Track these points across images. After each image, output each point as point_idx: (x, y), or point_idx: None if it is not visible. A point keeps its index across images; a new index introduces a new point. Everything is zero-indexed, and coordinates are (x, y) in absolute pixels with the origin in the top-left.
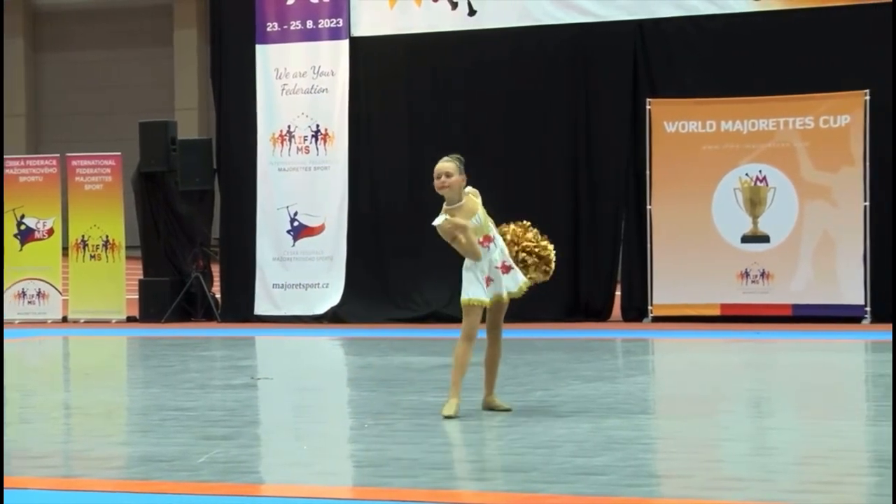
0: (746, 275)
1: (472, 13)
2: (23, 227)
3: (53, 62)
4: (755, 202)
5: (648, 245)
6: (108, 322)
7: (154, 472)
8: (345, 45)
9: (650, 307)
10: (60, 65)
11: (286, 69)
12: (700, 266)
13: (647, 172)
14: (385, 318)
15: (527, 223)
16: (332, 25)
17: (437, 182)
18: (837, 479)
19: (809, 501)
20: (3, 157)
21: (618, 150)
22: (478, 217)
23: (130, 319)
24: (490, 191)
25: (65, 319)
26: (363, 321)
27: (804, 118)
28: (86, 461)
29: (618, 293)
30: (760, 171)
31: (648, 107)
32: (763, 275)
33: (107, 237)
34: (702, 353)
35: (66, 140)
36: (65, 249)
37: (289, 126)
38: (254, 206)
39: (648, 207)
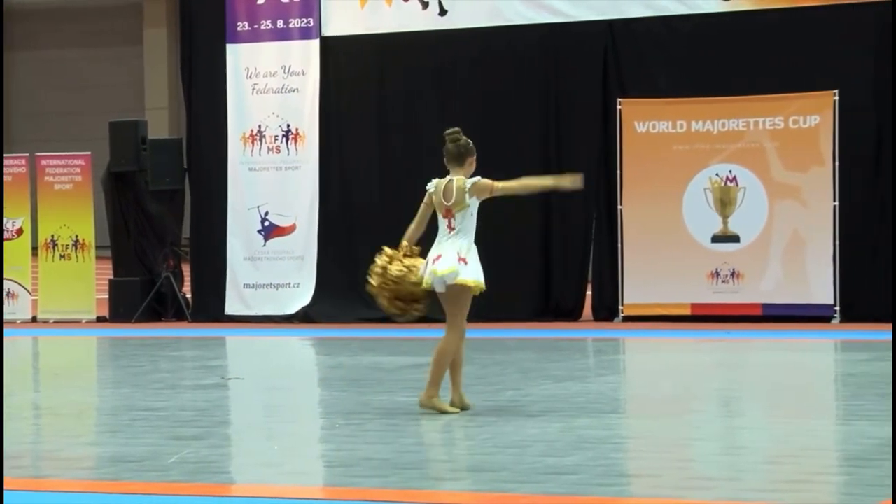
0: (717, 274)
1: (443, 13)
2: None
3: (23, 61)
4: (725, 202)
5: (619, 245)
6: (78, 322)
7: (124, 473)
8: (315, 45)
9: (621, 307)
10: (30, 64)
11: (257, 69)
12: (671, 266)
13: (618, 172)
14: (356, 318)
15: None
16: (303, 25)
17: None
18: (807, 478)
19: (779, 500)
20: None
21: (588, 150)
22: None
23: (100, 319)
24: None
25: (34, 319)
26: (334, 321)
27: (774, 118)
28: (56, 461)
29: (589, 293)
30: (730, 171)
31: (619, 107)
32: (733, 274)
33: (77, 237)
34: (672, 353)
35: (36, 139)
36: (34, 249)
37: (259, 126)
38: (224, 206)
39: (619, 207)
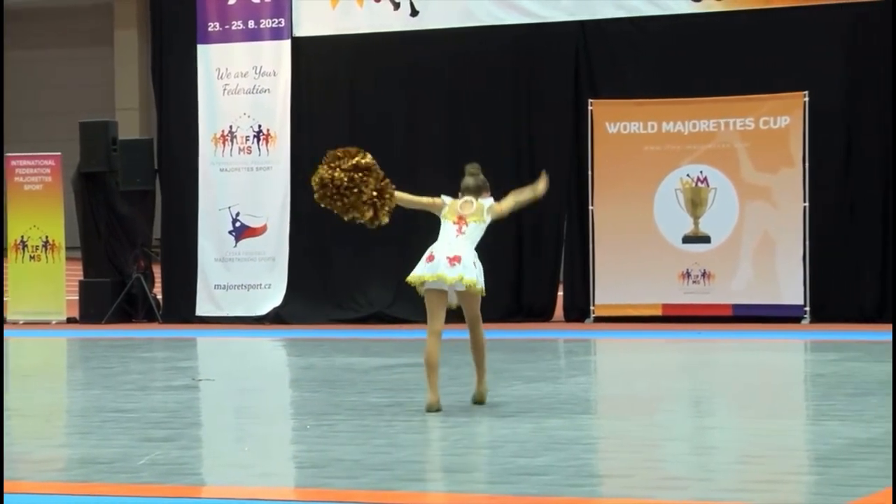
0: (688, 275)
1: (415, 14)
2: None
3: None
4: (696, 203)
5: (591, 245)
6: (48, 323)
7: (94, 475)
8: (287, 46)
9: (592, 307)
10: None
11: (228, 69)
12: (642, 266)
13: (589, 173)
14: (327, 319)
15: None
16: (274, 25)
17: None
18: (777, 478)
19: (750, 500)
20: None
21: (560, 151)
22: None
23: (70, 321)
24: (432, 191)
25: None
26: (305, 322)
27: (744, 119)
28: (25, 464)
29: (560, 293)
30: (701, 172)
31: (590, 107)
32: (704, 275)
33: (46, 238)
34: (643, 354)
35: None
36: (4, 250)
37: (231, 126)
38: (195, 207)
39: (590, 208)
